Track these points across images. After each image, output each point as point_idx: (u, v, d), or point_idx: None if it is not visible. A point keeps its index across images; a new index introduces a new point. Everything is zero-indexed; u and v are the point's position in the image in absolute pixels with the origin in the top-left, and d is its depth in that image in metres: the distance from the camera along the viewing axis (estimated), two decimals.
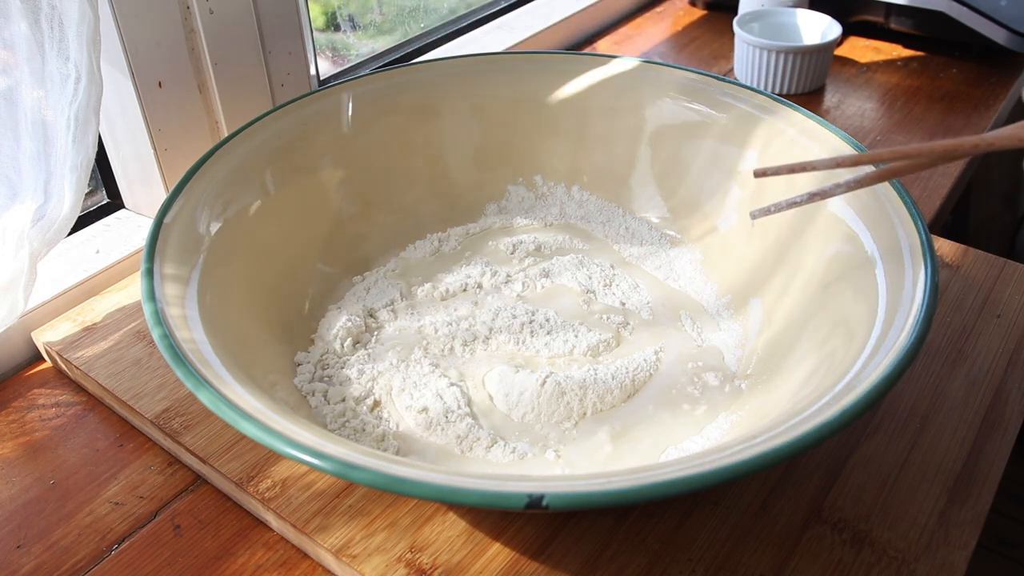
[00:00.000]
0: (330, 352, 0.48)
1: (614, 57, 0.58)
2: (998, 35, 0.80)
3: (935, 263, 0.38)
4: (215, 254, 0.44)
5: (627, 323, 0.50)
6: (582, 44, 0.93)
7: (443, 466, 0.41)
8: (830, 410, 0.32)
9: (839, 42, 0.88)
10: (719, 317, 0.51)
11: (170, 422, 0.45)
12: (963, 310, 0.51)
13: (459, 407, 0.44)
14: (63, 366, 0.51)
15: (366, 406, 0.45)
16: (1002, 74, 0.82)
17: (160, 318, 0.37)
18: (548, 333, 0.49)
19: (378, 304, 0.51)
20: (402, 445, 0.42)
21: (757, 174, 0.38)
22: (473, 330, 0.49)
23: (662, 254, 0.55)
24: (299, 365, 0.46)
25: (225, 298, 0.43)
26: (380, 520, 0.40)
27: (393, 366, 0.46)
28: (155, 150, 0.57)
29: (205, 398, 0.34)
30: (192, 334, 0.38)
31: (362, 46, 0.80)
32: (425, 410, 0.44)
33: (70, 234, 0.58)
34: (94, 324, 0.52)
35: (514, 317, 0.49)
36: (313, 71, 0.67)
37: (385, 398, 0.45)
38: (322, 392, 0.45)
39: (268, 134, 0.51)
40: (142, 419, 0.46)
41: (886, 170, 0.37)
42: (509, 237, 0.57)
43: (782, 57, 0.77)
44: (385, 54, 0.79)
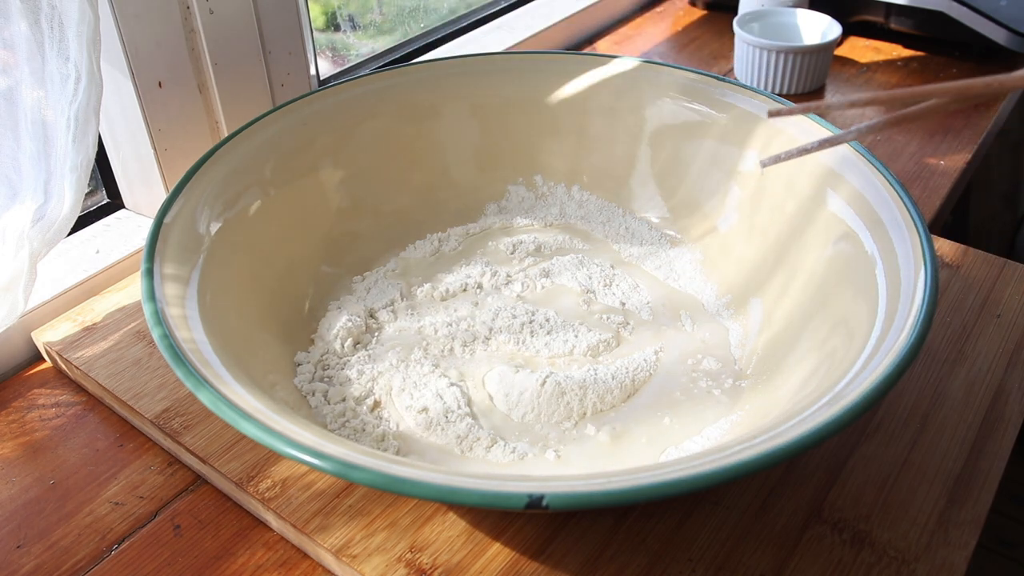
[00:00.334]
0: (330, 352, 0.48)
1: (614, 57, 0.58)
2: (998, 35, 0.80)
3: (935, 263, 0.38)
4: (215, 254, 0.44)
5: (627, 323, 0.50)
6: (582, 44, 0.93)
7: (443, 466, 0.41)
8: (830, 410, 0.32)
9: (839, 42, 0.88)
10: (719, 317, 0.51)
11: (170, 422, 0.45)
12: (963, 310, 0.51)
13: (459, 407, 0.44)
14: (63, 366, 0.51)
15: (366, 406, 0.45)
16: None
17: (160, 318, 0.37)
18: (548, 333, 0.49)
19: (378, 304, 0.51)
20: (402, 445, 0.42)
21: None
22: (473, 330, 0.49)
23: (662, 254, 0.55)
24: (299, 365, 0.46)
25: (225, 298, 0.43)
26: (380, 520, 0.40)
27: (393, 366, 0.46)
28: (155, 150, 0.57)
29: (205, 398, 0.34)
30: (192, 334, 0.38)
31: (362, 46, 0.80)
32: (425, 410, 0.44)
33: (70, 234, 0.58)
34: (94, 324, 0.52)
35: (514, 317, 0.49)
36: (313, 71, 0.67)
37: (385, 398, 0.45)
38: (322, 392, 0.45)
39: (268, 134, 0.51)
40: (142, 419, 0.46)
41: (897, 116, 0.37)
42: (509, 237, 0.57)
43: (782, 57, 0.77)
44: (385, 54, 0.79)
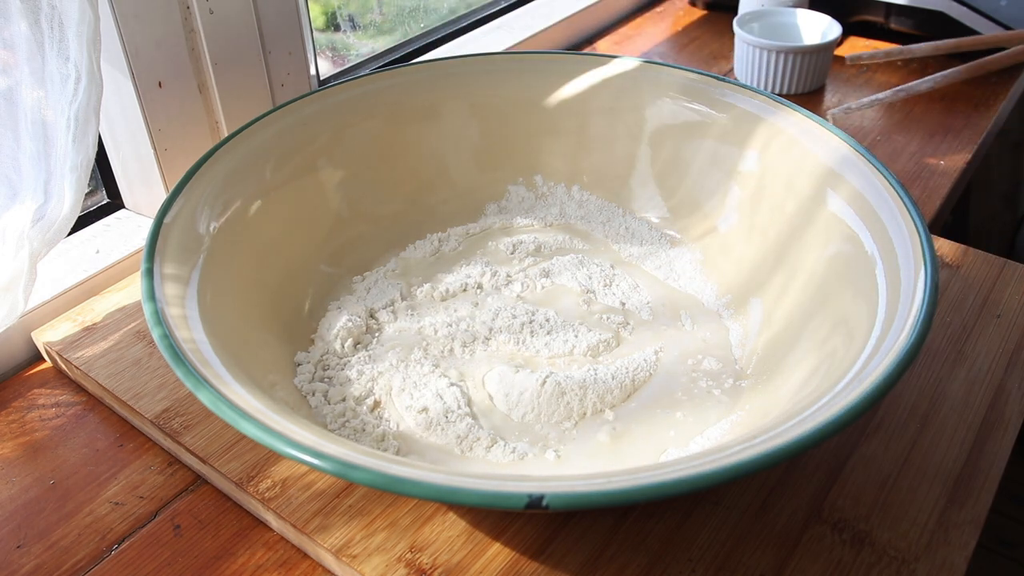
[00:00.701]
0: (330, 352, 0.48)
1: (614, 57, 0.58)
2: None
3: (935, 263, 0.38)
4: (215, 254, 0.44)
5: (627, 323, 0.50)
6: (582, 44, 0.93)
7: (443, 466, 0.41)
8: (830, 410, 0.32)
9: (839, 42, 0.88)
10: (719, 317, 0.51)
11: (170, 422, 0.45)
12: (963, 310, 0.51)
13: (459, 407, 0.44)
14: (63, 366, 0.51)
15: (366, 406, 0.45)
16: (1002, 74, 0.82)
17: (160, 318, 0.37)
18: (548, 333, 0.49)
19: (378, 304, 0.51)
20: (402, 445, 0.42)
21: (851, 59, 0.37)
22: (473, 330, 0.49)
23: (662, 254, 0.55)
24: (299, 365, 0.46)
25: (225, 298, 0.43)
26: (380, 520, 0.40)
27: (393, 366, 0.46)
28: (155, 150, 0.57)
29: (205, 398, 0.34)
30: (192, 334, 0.38)
31: (362, 46, 0.80)
32: (425, 410, 0.44)
33: (70, 234, 0.58)
34: (94, 324, 0.52)
35: (514, 317, 0.49)
36: (313, 71, 0.67)
37: (385, 398, 0.45)
38: (322, 392, 0.45)
39: (268, 134, 0.51)
40: (142, 419, 0.46)
41: (975, 64, 0.36)
42: (509, 237, 0.57)
43: (782, 57, 0.77)
44: (385, 54, 0.79)
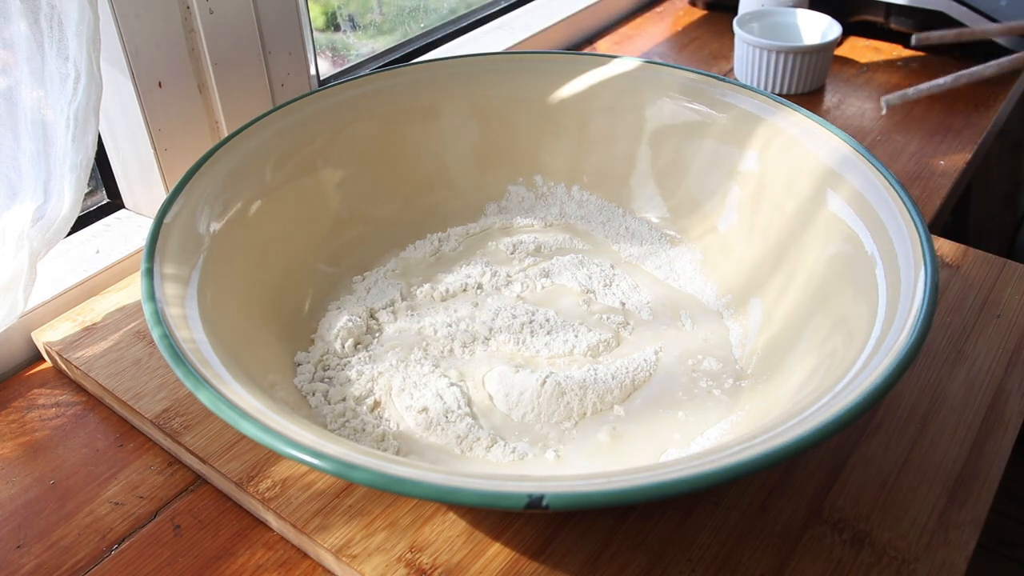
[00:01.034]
0: (330, 352, 0.48)
1: (614, 57, 0.58)
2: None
3: (935, 263, 0.38)
4: (215, 254, 0.44)
5: (627, 323, 0.50)
6: (582, 44, 0.93)
7: (443, 466, 0.41)
8: (830, 410, 0.32)
9: (839, 42, 0.88)
10: (719, 317, 0.51)
11: (170, 422, 0.45)
12: (963, 310, 0.51)
13: (459, 407, 0.44)
14: (63, 366, 0.51)
15: (366, 406, 0.45)
16: (1002, 74, 0.82)
17: (160, 318, 0.37)
18: (548, 333, 0.49)
19: (378, 304, 0.51)
20: (402, 445, 0.42)
21: (921, 40, 0.37)
22: (473, 330, 0.49)
23: (662, 254, 0.55)
24: (299, 365, 0.46)
25: (225, 298, 0.43)
26: (380, 520, 0.40)
27: (393, 366, 0.46)
28: (155, 150, 0.57)
29: (205, 398, 0.34)
30: (192, 334, 0.38)
31: (362, 46, 0.80)
32: (425, 410, 0.44)
33: (70, 234, 0.58)
34: (94, 324, 0.52)
35: (514, 317, 0.49)
36: (313, 71, 0.67)
37: (385, 398, 0.45)
38: (322, 392, 0.45)
39: (268, 134, 0.51)
40: (142, 419, 0.46)
41: None
42: (509, 237, 0.57)
43: (782, 57, 0.77)
44: (385, 54, 0.79)
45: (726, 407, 0.44)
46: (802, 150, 0.49)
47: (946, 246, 0.56)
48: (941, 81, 0.37)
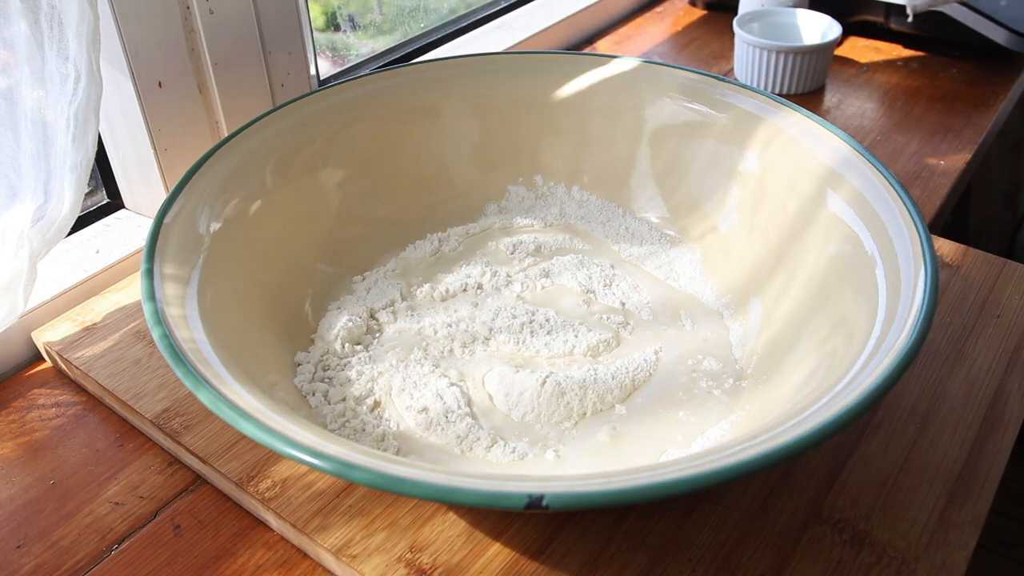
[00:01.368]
0: (330, 352, 0.48)
1: (614, 57, 0.58)
2: (998, 35, 0.80)
3: (935, 263, 0.38)
4: (215, 254, 0.44)
5: (627, 323, 0.50)
6: (582, 44, 0.93)
7: (443, 466, 0.41)
8: (830, 410, 0.32)
9: (839, 42, 0.88)
10: (719, 317, 0.51)
11: (170, 422, 0.45)
12: (963, 310, 0.51)
13: (459, 407, 0.44)
14: (63, 366, 0.51)
15: (366, 406, 0.45)
16: (1002, 74, 0.82)
17: (160, 318, 0.37)
18: (548, 333, 0.49)
19: (378, 304, 0.51)
20: (402, 445, 0.42)
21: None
22: (473, 330, 0.49)
23: (662, 254, 0.55)
24: (299, 365, 0.46)
25: (225, 298, 0.43)
26: (380, 520, 0.40)
27: (393, 366, 0.46)
28: (155, 150, 0.57)
29: (205, 398, 0.34)
30: (192, 334, 0.38)
31: (362, 46, 0.80)
32: (425, 410, 0.44)
33: (70, 234, 0.58)
34: (94, 324, 0.52)
35: (514, 317, 0.49)
36: (313, 71, 0.67)
37: (385, 398, 0.45)
38: (322, 392, 0.45)
39: (268, 134, 0.51)
40: (142, 419, 0.46)
41: None
42: (509, 237, 0.57)
43: (782, 57, 0.77)
44: (385, 54, 0.79)
45: (726, 407, 0.44)
46: (802, 150, 0.49)
47: (946, 246, 0.56)
48: None
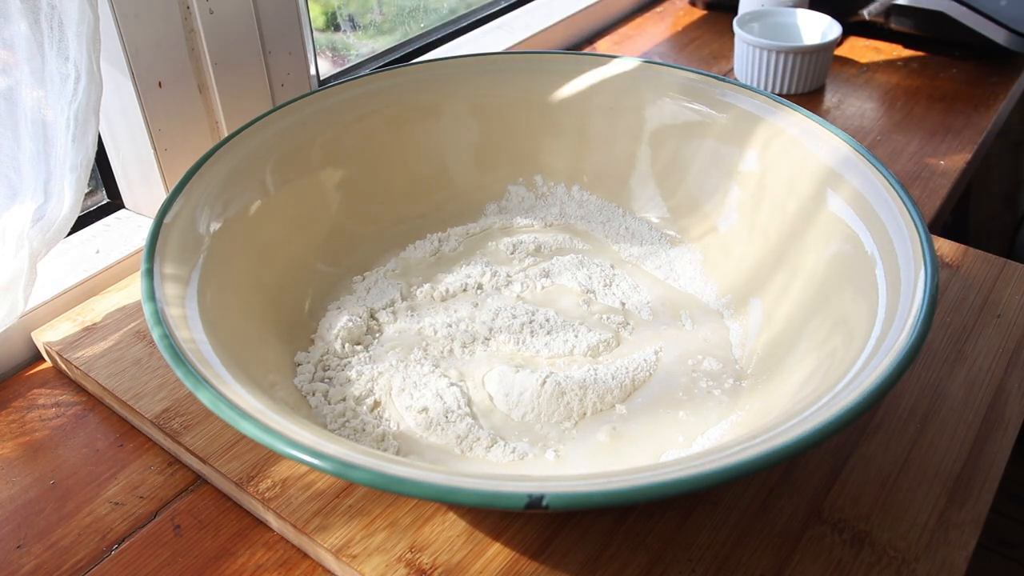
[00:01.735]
0: (330, 352, 0.48)
1: (614, 57, 0.58)
2: (998, 35, 0.80)
3: (935, 263, 0.38)
4: (215, 254, 0.44)
5: (627, 323, 0.50)
6: (582, 44, 0.93)
7: (443, 466, 0.41)
8: (830, 410, 0.32)
9: (839, 42, 0.88)
10: (719, 317, 0.51)
11: (170, 422, 0.45)
12: (963, 310, 0.51)
13: (459, 407, 0.44)
14: (63, 366, 0.51)
15: (366, 406, 0.45)
16: (1002, 74, 0.82)
17: (160, 318, 0.37)
18: (548, 333, 0.49)
19: (378, 304, 0.51)
20: (402, 445, 0.42)
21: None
22: (473, 330, 0.49)
23: (662, 254, 0.55)
24: (299, 365, 0.46)
25: (225, 298, 0.43)
26: (380, 520, 0.40)
27: (393, 366, 0.46)
28: (155, 150, 0.57)
29: (205, 398, 0.34)
30: (192, 334, 0.38)
31: (362, 46, 0.80)
32: (425, 410, 0.44)
33: (70, 234, 0.58)
34: (94, 324, 0.52)
35: (514, 317, 0.49)
36: (313, 71, 0.67)
37: (385, 398, 0.45)
38: (322, 392, 0.45)
39: (268, 134, 0.51)
40: (142, 419, 0.46)
41: None
42: (509, 237, 0.57)
43: (782, 57, 0.77)
44: (385, 54, 0.79)
45: (726, 407, 0.44)
46: (802, 150, 0.49)
47: (946, 246, 0.56)
48: None
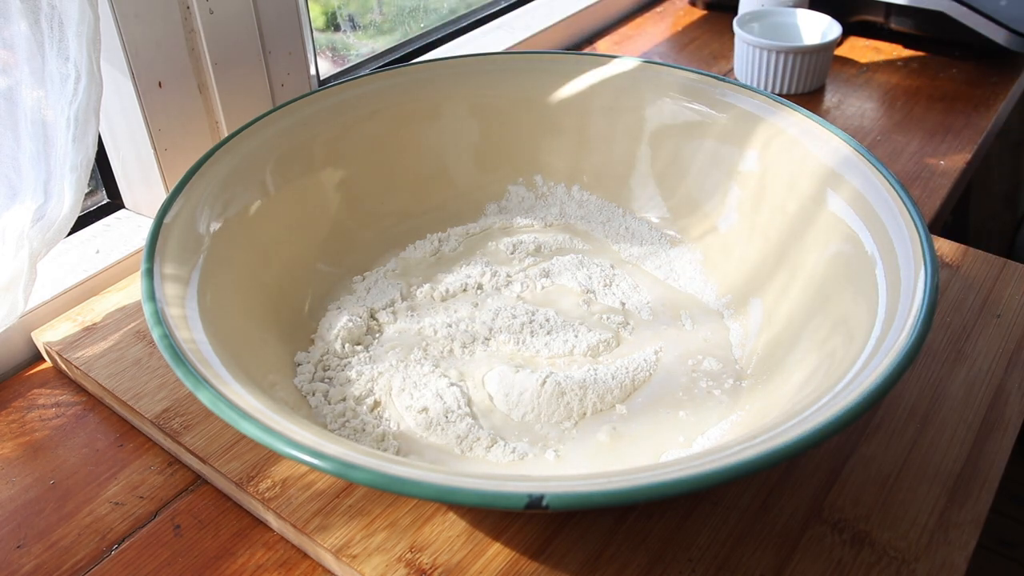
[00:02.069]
0: (330, 352, 0.48)
1: (614, 57, 0.58)
2: (998, 35, 0.80)
3: (935, 263, 0.38)
4: (215, 254, 0.44)
5: (627, 323, 0.50)
6: (582, 44, 0.93)
7: (443, 466, 0.41)
8: (830, 410, 0.32)
9: (839, 42, 0.88)
10: (719, 317, 0.51)
11: (170, 422, 0.45)
12: (963, 310, 0.51)
13: (459, 407, 0.44)
14: (63, 366, 0.51)
15: (366, 406, 0.45)
16: (1002, 74, 0.82)
17: (160, 318, 0.37)
18: (548, 333, 0.49)
19: (378, 304, 0.51)
20: (402, 445, 0.42)
21: None
22: (473, 330, 0.49)
23: (662, 254, 0.55)
24: (299, 365, 0.46)
25: (225, 298, 0.43)
26: (380, 520, 0.40)
27: (393, 366, 0.46)
28: (155, 150, 0.57)
29: (205, 398, 0.34)
30: (192, 334, 0.38)
31: (362, 46, 0.80)
32: (425, 410, 0.44)
33: (70, 234, 0.58)
34: (94, 324, 0.52)
35: (514, 317, 0.49)
36: (313, 71, 0.67)
37: (385, 398, 0.45)
38: (322, 392, 0.45)
39: (268, 134, 0.51)
40: (142, 419, 0.46)
41: None
42: (509, 237, 0.57)
43: (782, 57, 0.77)
44: (385, 54, 0.79)
45: (726, 407, 0.44)
46: (802, 150, 0.49)
47: (946, 246, 0.56)
48: None
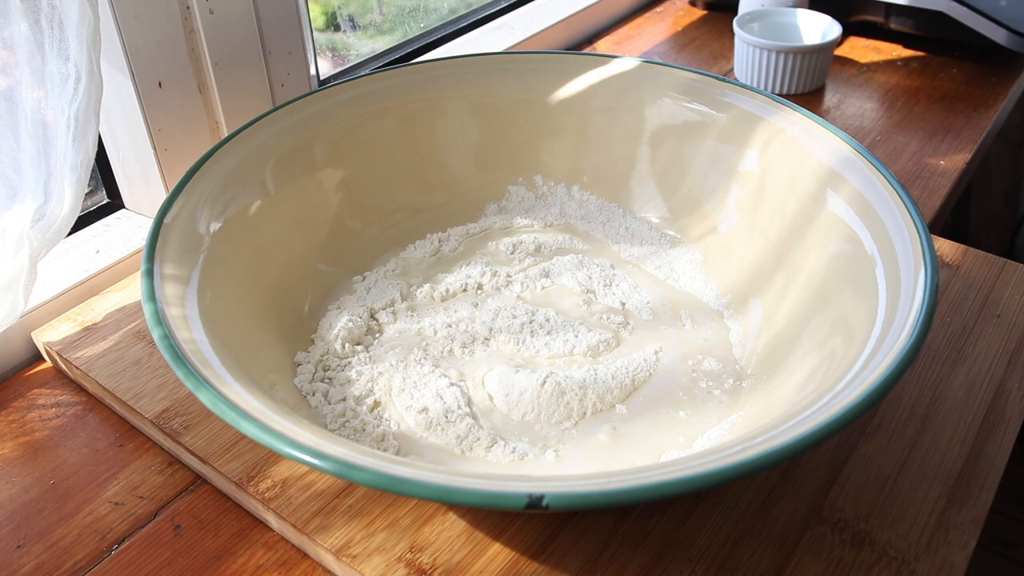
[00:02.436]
0: (330, 352, 0.48)
1: (614, 57, 0.58)
2: (998, 35, 0.80)
3: (935, 263, 0.38)
4: (215, 254, 0.44)
5: (627, 323, 0.50)
6: (582, 44, 0.93)
7: (443, 466, 0.41)
8: (830, 410, 0.32)
9: (839, 42, 0.88)
10: (719, 317, 0.51)
11: (170, 422, 0.45)
12: (963, 310, 0.51)
13: (459, 407, 0.44)
14: (63, 366, 0.51)
15: (366, 406, 0.45)
16: (1002, 74, 0.82)
17: (160, 318, 0.37)
18: (548, 333, 0.49)
19: (378, 304, 0.51)
20: (402, 445, 0.42)
21: None
22: (473, 331, 0.49)
23: (662, 254, 0.55)
24: (299, 365, 0.46)
25: (225, 298, 0.43)
26: (380, 520, 0.40)
27: (393, 366, 0.46)
28: (155, 150, 0.57)
29: (205, 398, 0.34)
30: (192, 334, 0.38)
31: (362, 46, 0.80)
32: (425, 410, 0.44)
33: (70, 234, 0.58)
34: (94, 324, 0.52)
35: (514, 317, 0.49)
36: (313, 71, 0.67)
37: (385, 398, 0.45)
38: (322, 392, 0.45)
39: (268, 134, 0.51)
40: (142, 419, 0.46)
41: None
42: (509, 237, 0.57)
43: (782, 57, 0.77)
44: (385, 54, 0.79)
45: (726, 407, 0.44)
46: (802, 150, 0.49)
47: (946, 246, 0.56)
48: None
